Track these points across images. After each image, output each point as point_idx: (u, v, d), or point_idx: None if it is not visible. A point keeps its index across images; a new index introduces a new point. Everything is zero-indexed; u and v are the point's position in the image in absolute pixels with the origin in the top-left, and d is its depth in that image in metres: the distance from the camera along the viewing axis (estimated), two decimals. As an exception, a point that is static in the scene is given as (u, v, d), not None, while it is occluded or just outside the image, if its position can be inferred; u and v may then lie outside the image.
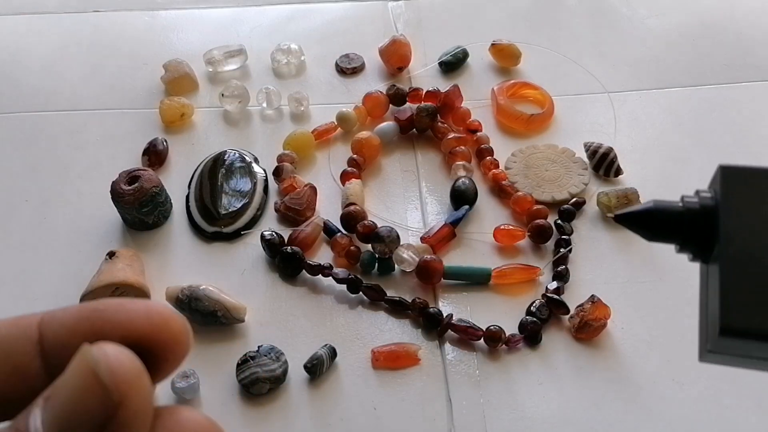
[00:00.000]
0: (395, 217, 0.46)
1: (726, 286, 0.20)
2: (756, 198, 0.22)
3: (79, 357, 0.15)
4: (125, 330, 0.17)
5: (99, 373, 0.15)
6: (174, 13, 0.61)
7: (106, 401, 0.15)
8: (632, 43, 0.58)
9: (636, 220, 0.23)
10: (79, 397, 0.15)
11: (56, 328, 0.17)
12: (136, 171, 0.45)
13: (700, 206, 0.22)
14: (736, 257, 0.20)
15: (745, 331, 0.20)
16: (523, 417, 0.37)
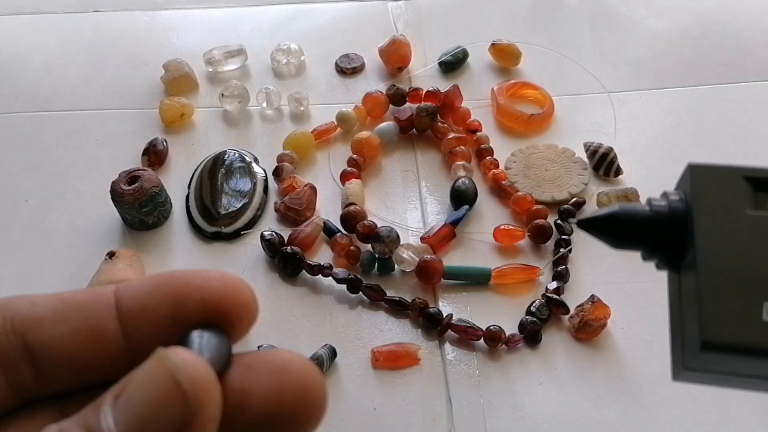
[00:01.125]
0: (395, 217, 0.46)
1: (705, 296, 0.18)
2: (728, 198, 0.20)
3: (157, 361, 0.15)
4: (204, 293, 0.17)
5: (179, 380, 0.15)
6: (174, 13, 0.61)
7: (185, 408, 0.15)
8: (632, 43, 0.58)
9: (599, 225, 0.21)
10: (157, 401, 0.15)
11: (134, 292, 0.18)
12: (136, 171, 0.45)
13: (669, 210, 0.20)
14: (714, 264, 0.19)
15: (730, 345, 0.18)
16: (523, 417, 0.37)
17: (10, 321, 0.17)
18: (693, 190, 0.20)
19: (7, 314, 0.17)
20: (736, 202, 0.20)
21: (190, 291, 0.17)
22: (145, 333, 0.17)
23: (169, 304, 0.17)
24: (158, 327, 0.17)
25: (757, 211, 0.20)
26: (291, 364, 0.17)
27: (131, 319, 0.17)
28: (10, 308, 0.17)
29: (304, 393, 0.17)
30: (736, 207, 0.20)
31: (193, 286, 0.17)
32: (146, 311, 0.17)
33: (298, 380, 0.17)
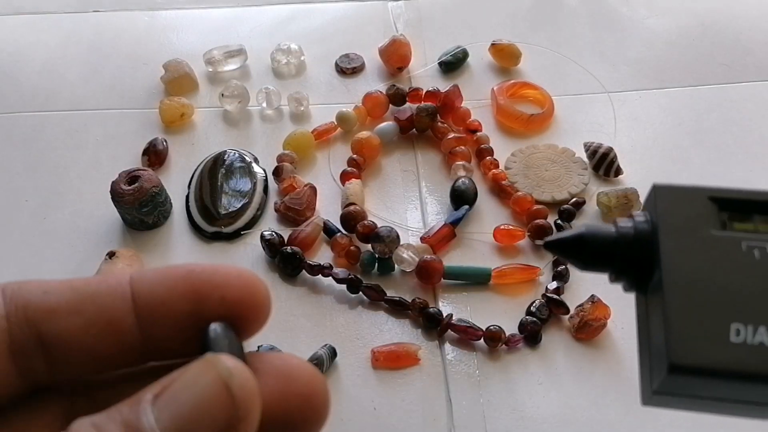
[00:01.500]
0: (395, 217, 0.46)
1: (671, 317, 0.18)
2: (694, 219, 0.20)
3: (207, 364, 0.16)
4: (224, 292, 0.17)
5: (231, 386, 0.15)
6: (174, 13, 0.61)
7: (233, 414, 0.15)
8: (632, 43, 0.58)
9: (566, 247, 0.21)
10: (204, 404, 0.15)
11: (152, 285, 0.18)
12: (136, 171, 0.45)
13: (635, 231, 0.20)
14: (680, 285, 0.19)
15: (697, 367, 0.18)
16: (523, 417, 0.37)
17: (23, 310, 0.17)
18: (658, 211, 0.20)
19: (19, 303, 0.17)
20: (702, 222, 0.20)
21: (210, 289, 0.17)
22: (162, 327, 0.17)
23: (188, 301, 0.17)
24: (176, 322, 0.17)
25: (722, 232, 0.19)
26: (297, 371, 0.17)
27: (149, 313, 0.17)
28: (22, 296, 0.17)
29: (308, 400, 0.17)
30: (701, 227, 0.20)
31: (213, 284, 0.17)
32: (165, 306, 0.17)
33: (303, 387, 0.17)
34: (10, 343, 0.17)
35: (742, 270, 0.19)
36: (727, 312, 0.18)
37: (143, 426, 0.15)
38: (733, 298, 0.18)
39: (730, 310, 0.18)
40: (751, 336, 0.18)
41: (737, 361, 0.18)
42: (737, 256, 0.19)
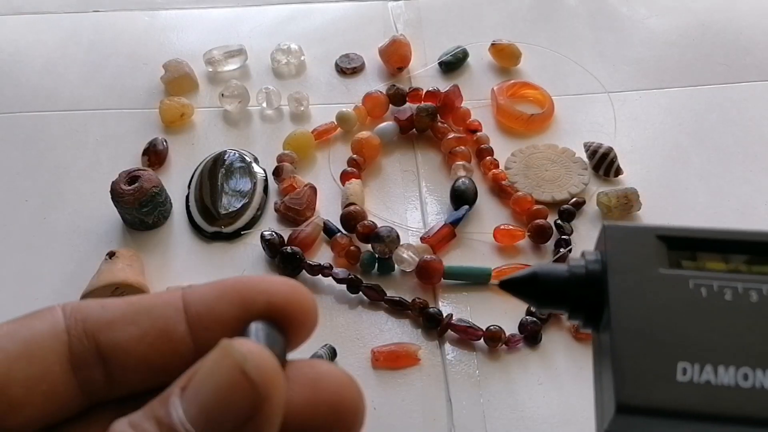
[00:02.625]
0: (395, 217, 0.46)
1: (619, 357, 0.18)
2: (642, 258, 0.20)
3: (221, 351, 0.16)
4: (270, 297, 0.18)
5: (247, 369, 0.15)
6: (174, 13, 0.62)
7: (254, 397, 0.15)
8: (632, 43, 0.58)
9: (520, 287, 0.21)
10: (226, 391, 0.15)
11: (203, 295, 0.18)
12: (136, 171, 0.45)
13: (586, 271, 0.20)
14: (628, 324, 0.19)
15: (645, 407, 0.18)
16: (523, 417, 0.37)
17: (82, 324, 0.18)
18: (608, 251, 0.20)
19: (78, 317, 0.18)
20: (650, 261, 0.20)
21: (256, 294, 0.18)
22: (213, 334, 0.18)
23: (236, 306, 0.18)
24: (226, 328, 0.18)
25: (670, 270, 0.19)
26: (326, 378, 0.18)
27: (200, 320, 0.18)
28: (81, 311, 0.18)
29: (337, 408, 0.17)
30: (649, 266, 0.19)
31: (259, 289, 0.18)
32: (214, 313, 0.18)
33: (332, 395, 0.17)
34: (70, 356, 0.18)
35: (689, 308, 0.19)
36: (675, 351, 0.18)
37: (174, 421, 0.15)
38: (680, 336, 0.18)
39: (678, 348, 0.18)
40: (698, 375, 0.18)
41: (684, 400, 0.17)
42: (684, 295, 0.19)
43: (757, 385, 0.17)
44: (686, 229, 0.20)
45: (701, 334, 0.18)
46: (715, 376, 0.18)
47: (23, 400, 0.17)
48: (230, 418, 0.15)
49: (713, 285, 0.19)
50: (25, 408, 0.17)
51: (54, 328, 0.18)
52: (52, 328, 0.18)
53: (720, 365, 0.18)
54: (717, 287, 0.19)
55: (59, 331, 0.18)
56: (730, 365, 0.18)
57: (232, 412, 0.15)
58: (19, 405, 0.17)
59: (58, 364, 0.17)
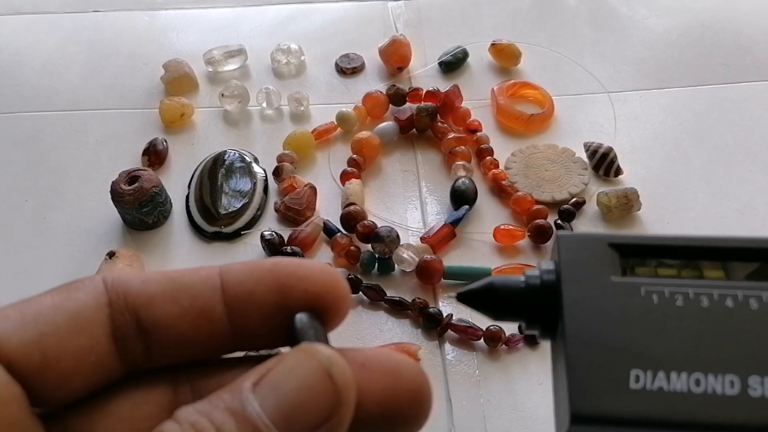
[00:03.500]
0: (395, 217, 0.46)
1: (573, 366, 0.18)
2: (595, 267, 0.20)
3: (306, 353, 0.17)
4: (308, 284, 0.18)
5: (333, 374, 0.16)
6: (174, 13, 0.61)
7: (335, 400, 0.16)
8: (632, 43, 0.58)
9: (475, 299, 0.21)
10: (308, 390, 0.16)
11: (241, 278, 0.19)
12: (136, 171, 0.45)
13: (541, 281, 0.20)
14: (581, 333, 0.18)
15: (598, 416, 0.17)
16: (523, 417, 0.37)
17: (124, 298, 0.18)
18: (561, 260, 0.20)
19: (120, 291, 0.18)
20: (603, 269, 0.20)
21: (295, 281, 0.18)
22: (250, 317, 0.18)
23: (274, 293, 0.18)
24: (262, 312, 0.18)
25: (622, 278, 0.19)
26: (405, 368, 0.18)
27: (237, 303, 0.18)
28: (122, 285, 0.19)
29: (416, 396, 0.18)
30: (602, 275, 0.19)
31: (297, 276, 0.19)
32: (252, 297, 0.18)
33: (411, 384, 0.18)
34: (112, 328, 0.18)
35: (641, 315, 0.19)
36: (627, 358, 0.18)
37: (250, 413, 0.16)
38: (632, 344, 0.18)
39: (630, 356, 0.18)
40: (651, 382, 0.18)
41: (637, 407, 0.17)
42: (636, 302, 0.19)
43: (709, 390, 0.17)
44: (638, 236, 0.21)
45: (653, 341, 0.18)
46: (667, 383, 0.18)
47: (73, 371, 0.18)
48: (309, 417, 0.16)
49: (665, 291, 0.19)
50: (74, 379, 0.18)
51: (97, 301, 0.18)
52: (96, 300, 0.18)
53: (672, 371, 0.18)
54: (668, 293, 0.19)
55: (102, 304, 0.18)
56: (683, 371, 0.18)
57: (311, 411, 0.16)
58: (70, 376, 0.18)
59: (104, 335, 0.18)
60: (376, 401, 0.18)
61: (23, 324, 0.18)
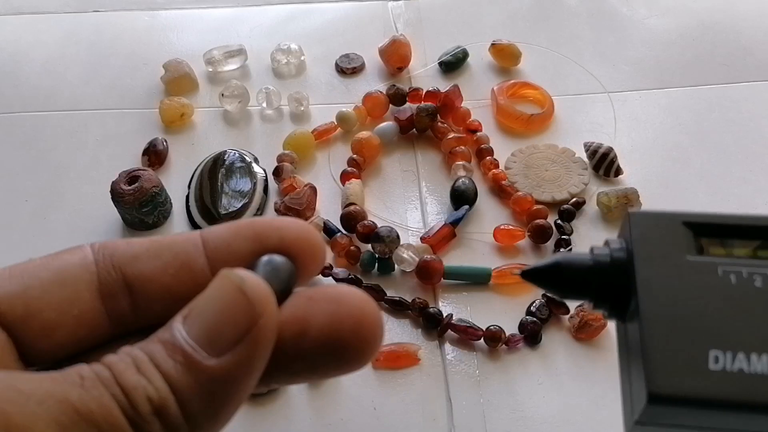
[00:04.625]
0: (395, 217, 0.46)
1: (649, 346, 0.18)
2: (669, 245, 0.19)
3: (222, 278, 0.18)
4: (282, 233, 0.20)
5: (245, 289, 0.17)
6: (174, 13, 0.61)
7: (251, 313, 0.17)
8: (632, 43, 0.58)
9: (543, 276, 0.21)
10: (225, 309, 0.17)
11: (220, 233, 0.20)
12: (136, 171, 0.45)
13: (611, 259, 0.20)
14: (657, 312, 0.18)
15: (677, 396, 0.17)
16: (523, 417, 0.37)
17: (110, 257, 0.20)
18: (633, 238, 0.20)
19: (107, 252, 0.20)
20: (677, 248, 0.19)
21: (271, 231, 0.20)
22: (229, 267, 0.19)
23: (251, 242, 0.20)
24: (241, 261, 0.19)
25: (698, 257, 0.19)
26: (348, 296, 0.19)
27: (217, 255, 0.20)
28: (108, 247, 0.20)
29: (359, 322, 0.19)
30: (676, 253, 0.19)
31: (273, 227, 0.20)
32: (230, 248, 0.20)
33: (354, 310, 0.19)
34: (99, 286, 0.19)
35: (718, 295, 0.18)
36: (706, 339, 0.18)
37: (177, 338, 0.17)
38: (710, 324, 0.18)
39: (708, 336, 0.18)
40: (730, 363, 0.17)
41: (717, 388, 0.17)
42: (713, 282, 0.19)
43: None
44: (713, 215, 0.20)
45: (732, 322, 0.18)
46: (747, 364, 0.17)
47: (56, 323, 0.19)
48: (230, 333, 0.17)
49: (742, 272, 0.19)
50: (57, 331, 0.19)
51: (84, 260, 0.20)
52: (82, 260, 0.20)
53: (753, 353, 0.18)
54: (746, 274, 0.19)
55: (88, 262, 0.20)
56: (763, 353, 0.17)
57: (231, 326, 0.17)
58: (53, 327, 0.19)
59: (88, 291, 0.19)
60: (320, 329, 0.19)
61: (9, 279, 0.19)
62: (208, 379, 0.17)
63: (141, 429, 0.16)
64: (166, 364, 0.17)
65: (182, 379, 0.17)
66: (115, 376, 0.16)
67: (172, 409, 0.17)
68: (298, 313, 0.19)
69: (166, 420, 0.17)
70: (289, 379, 0.19)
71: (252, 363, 0.17)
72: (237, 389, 0.18)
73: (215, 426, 0.18)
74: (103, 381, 0.16)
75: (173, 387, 0.17)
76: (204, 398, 0.17)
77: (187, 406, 0.17)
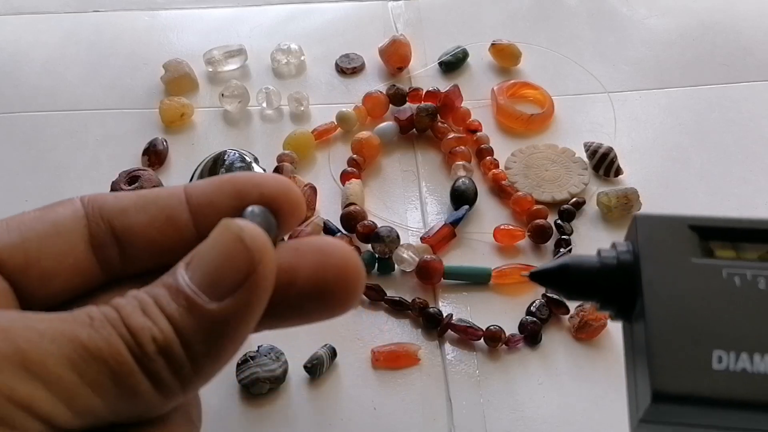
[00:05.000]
0: (395, 217, 0.46)
1: (654, 346, 0.18)
2: (675, 248, 0.20)
3: (222, 227, 0.19)
4: (262, 189, 0.21)
5: (244, 238, 0.18)
6: (174, 13, 0.61)
7: (249, 259, 0.18)
8: (632, 43, 0.58)
9: (551, 278, 0.21)
10: (226, 255, 0.18)
11: (203, 189, 0.21)
12: (136, 171, 0.45)
13: (618, 261, 0.21)
14: (662, 313, 0.19)
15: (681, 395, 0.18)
16: (523, 417, 0.37)
17: (99, 210, 0.21)
18: (640, 241, 0.20)
19: (96, 205, 0.21)
20: (683, 251, 0.20)
21: (251, 187, 0.21)
22: (212, 221, 0.20)
23: (232, 198, 0.21)
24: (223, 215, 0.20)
25: (703, 260, 0.20)
26: (332, 247, 0.20)
27: (200, 210, 0.21)
28: (97, 201, 0.21)
29: (343, 271, 0.20)
30: (682, 256, 0.20)
31: (253, 183, 0.21)
32: (213, 204, 0.21)
33: (338, 260, 0.20)
34: (89, 237, 0.21)
35: (723, 297, 0.19)
36: (710, 339, 0.18)
37: (180, 283, 0.18)
38: (715, 325, 0.18)
39: (713, 337, 0.18)
40: (734, 363, 0.18)
41: (721, 388, 0.18)
42: (718, 284, 0.19)
43: None
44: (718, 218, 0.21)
45: (736, 323, 0.18)
46: (751, 364, 0.18)
47: (54, 271, 0.20)
48: (230, 278, 0.18)
49: (746, 274, 0.19)
50: (55, 279, 0.20)
51: (75, 213, 0.21)
52: (74, 213, 0.21)
53: (756, 353, 0.18)
54: (750, 276, 0.19)
55: (79, 215, 0.21)
56: (766, 353, 0.18)
57: (231, 272, 0.18)
58: (51, 276, 0.20)
59: (81, 242, 0.21)
60: (306, 277, 0.20)
61: (8, 230, 0.20)
62: (210, 321, 0.18)
63: (146, 367, 0.17)
64: (170, 307, 0.18)
65: (185, 322, 0.18)
66: (122, 317, 0.17)
67: (175, 349, 0.18)
68: (285, 263, 0.20)
69: (170, 359, 0.18)
70: (279, 323, 0.21)
71: (251, 307, 0.18)
72: (236, 332, 0.18)
73: (215, 366, 0.18)
74: (111, 321, 0.17)
75: (177, 328, 0.18)
76: (205, 340, 0.18)
77: (189, 347, 0.18)
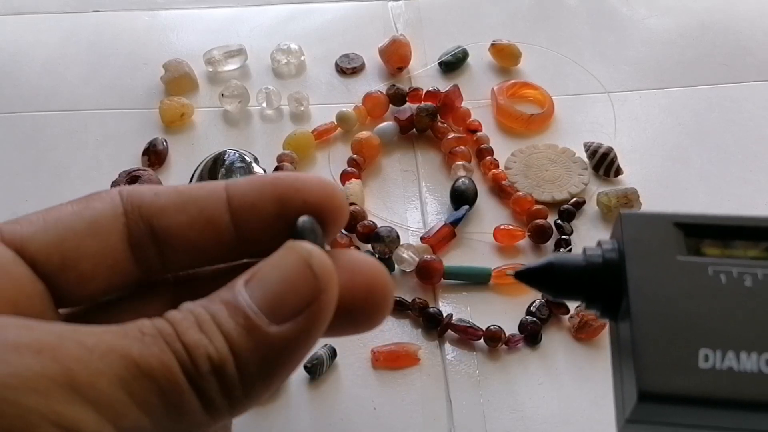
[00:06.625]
0: (395, 217, 0.46)
1: (640, 344, 0.18)
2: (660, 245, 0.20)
3: (290, 249, 0.18)
4: (305, 195, 0.20)
5: (312, 263, 0.18)
6: (174, 13, 0.61)
7: (315, 286, 0.18)
8: (632, 43, 0.58)
9: (536, 277, 0.21)
10: (291, 279, 0.18)
11: (244, 190, 0.21)
12: (136, 171, 0.45)
13: (603, 259, 0.20)
14: (648, 311, 0.19)
15: (667, 394, 0.18)
16: (523, 417, 0.37)
17: (138, 209, 0.20)
18: (625, 239, 0.20)
19: (135, 202, 0.20)
20: (668, 248, 0.20)
21: (293, 193, 0.20)
22: (253, 225, 0.20)
23: (274, 204, 0.20)
24: (264, 221, 0.20)
25: (688, 257, 0.19)
26: (361, 264, 0.20)
27: (241, 213, 0.20)
28: (136, 197, 0.20)
29: (371, 289, 0.20)
30: (667, 254, 0.20)
31: (295, 188, 0.20)
32: (255, 208, 0.20)
33: (366, 278, 0.20)
34: (128, 236, 0.20)
35: (708, 295, 0.19)
36: (696, 338, 0.18)
37: (240, 302, 0.18)
38: (700, 323, 0.18)
39: (698, 335, 0.18)
40: (720, 361, 0.18)
41: (707, 386, 0.18)
42: (704, 281, 0.19)
43: None
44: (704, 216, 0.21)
45: (722, 321, 0.18)
46: (737, 363, 0.18)
47: (92, 273, 0.20)
48: (292, 303, 0.18)
49: (732, 271, 0.19)
50: (93, 280, 0.20)
51: (114, 210, 0.20)
52: (112, 210, 0.20)
53: (742, 351, 0.18)
54: (737, 273, 0.19)
55: (118, 213, 0.20)
56: (752, 351, 0.18)
57: (294, 297, 0.18)
58: (89, 277, 0.20)
59: (120, 241, 0.20)
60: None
61: (45, 228, 0.20)
62: (267, 344, 0.17)
63: (198, 386, 0.17)
64: (228, 325, 0.17)
65: (242, 342, 0.17)
66: (178, 333, 0.17)
67: (229, 369, 0.17)
68: None
69: (223, 380, 0.17)
70: None
71: (310, 334, 0.18)
72: (292, 357, 0.18)
73: (266, 390, 0.18)
74: (166, 337, 0.17)
75: (233, 348, 0.17)
76: (260, 362, 0.17)
77: (243, 368, 0.17)
